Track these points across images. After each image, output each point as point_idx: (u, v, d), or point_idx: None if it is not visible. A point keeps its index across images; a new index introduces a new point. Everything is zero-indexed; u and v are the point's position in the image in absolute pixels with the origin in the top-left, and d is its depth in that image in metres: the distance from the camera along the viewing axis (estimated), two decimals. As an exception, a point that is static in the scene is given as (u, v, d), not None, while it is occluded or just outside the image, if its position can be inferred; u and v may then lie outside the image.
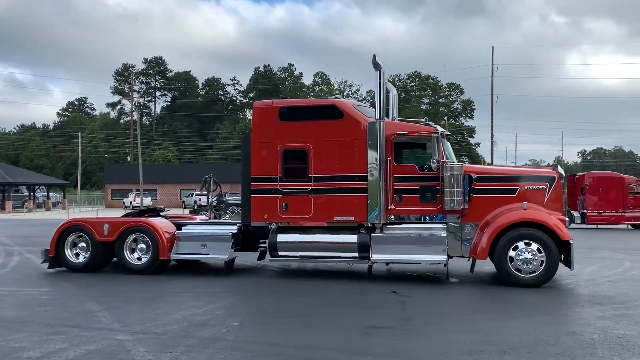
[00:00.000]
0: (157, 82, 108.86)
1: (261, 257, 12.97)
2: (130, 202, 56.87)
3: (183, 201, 59.30)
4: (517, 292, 9.61)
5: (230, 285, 10.58)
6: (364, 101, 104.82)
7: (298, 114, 11.47)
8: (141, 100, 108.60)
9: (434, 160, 10.64)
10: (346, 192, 10.99)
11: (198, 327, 7.27)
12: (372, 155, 10.78)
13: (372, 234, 10.83)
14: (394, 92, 13.31)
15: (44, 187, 61.92)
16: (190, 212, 35.20)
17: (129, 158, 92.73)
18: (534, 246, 10.02)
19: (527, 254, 10.02)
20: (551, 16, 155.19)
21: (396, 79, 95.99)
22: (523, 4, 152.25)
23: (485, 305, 9.02)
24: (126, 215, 13.28)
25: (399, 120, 12.65)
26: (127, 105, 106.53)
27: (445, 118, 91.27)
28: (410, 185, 10.94)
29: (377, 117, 10.77)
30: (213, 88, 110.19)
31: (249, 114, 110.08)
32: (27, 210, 52.31)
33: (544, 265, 9.97)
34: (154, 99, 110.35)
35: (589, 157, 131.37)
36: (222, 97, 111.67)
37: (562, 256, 10.20)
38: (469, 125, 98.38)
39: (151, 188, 62.05)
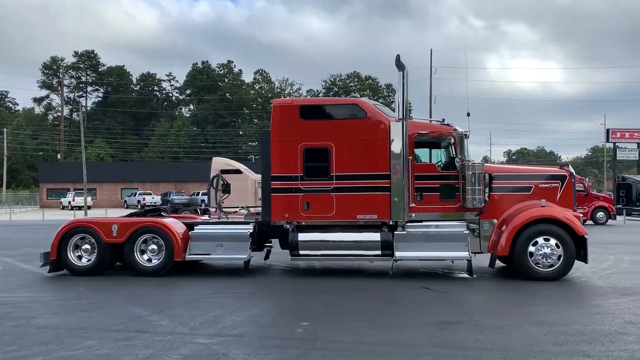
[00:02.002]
0: (88, 77, 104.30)
1: (267, 256, 12.92)
2: (69, 202, 54.28)
3: (125, 201, 57.31)
4: (539, 285, 10.06)
5: (259, 286, 10.42)
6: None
7: (319, 112, 11.47)
8: (71, 95, 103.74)
9: (458, 159, 10.96)
10: (369, 191, 11.10)
11: (270, 328, 7.18)
12: (395, 154, 10.94)
13: (395, 232, 11.00)
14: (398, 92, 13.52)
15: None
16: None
17: (59, 156, 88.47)
18: (552, 241, 10.52)
19: (546, 249, 10.51)
20: (469, 19, 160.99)
21: (337, 79, 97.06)
22: (445, 6, 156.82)
23: (525, 297, 9.27)
24: (129, 215, 12.76)
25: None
26: (56, 100, 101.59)
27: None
28: (431, 183, 11.21)
29: (401, 116, 10.96)
30: (148, 84, 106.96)
31: (185, 111, 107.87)
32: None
33: (561, 259, 10.49)
34: (85, 94, 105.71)
35: (514, 157, 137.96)
36: (158, 94, 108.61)
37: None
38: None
39: (90, 187, 59.28)
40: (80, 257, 11.72)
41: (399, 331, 6.98)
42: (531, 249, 10.57)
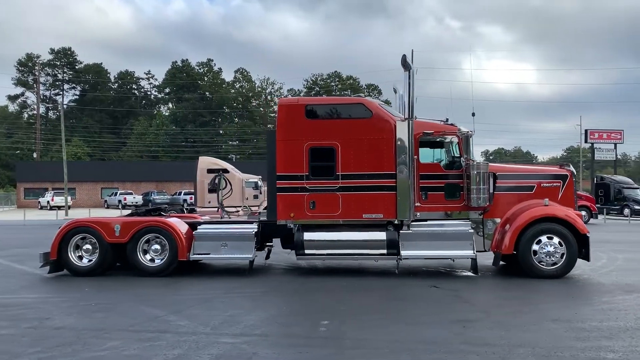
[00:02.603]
0: (65, 74, 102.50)
1: (268, 256, 12.89)
2: (48, 202, 53.29)
3: (105, 200, 56.40)
4: (544, 283, 10.22)
5: (268, 286, 10.38)
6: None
7: (325, 112, 11.47)
8: (47, 93, 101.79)
9: (463, 159, 11.08)
10: (375, 190, 11.14)
11: (293, 327, 7.20)
12: (401, 154, 11.00)
13: (400, 231, 11.07)
14: (400, 92, 13.59)
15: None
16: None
17: (35, 155, 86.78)
18: (556, 240, 10.70)
19: (549, 247, 10.68)
20: (446, 20, 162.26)
21: (318, 79, 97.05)
22: (421, 6, 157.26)
23: (534, 295, 9.40)
24: (129, 215, 12.60)
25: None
26: (31, 98, 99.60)
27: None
28: (435, 183, 11.32)
29: (407, 116, 11.03)
30: (126, 82, 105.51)
31: (164, 109, 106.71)
32: None
33: (564, 257, 10.67)
34: (61, 92, 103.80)
35: (491, 157, 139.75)
36: (136, 92, 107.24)
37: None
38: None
39: (70, 187, 58.22)
40: (80, 258, 11.54)
41: (423, 329, 7.05)
42: (535, 247, 10.73)
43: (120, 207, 53.11)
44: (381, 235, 11.09)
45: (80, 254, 11.55)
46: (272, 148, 11.46)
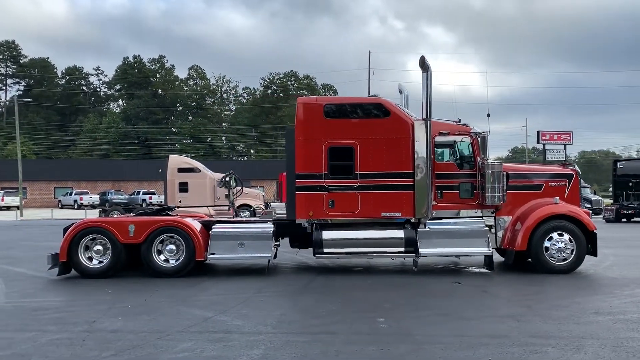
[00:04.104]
0: (8, 69, 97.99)
1: (275, 255, 12.83)
2: (-3, 202, 50.93)
3: (59, 200, 54.38)
4: (556, 278, 10.65)
5: (294, 285, 10.31)
6: (241, 97, 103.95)
7: (344, 111, 11.55)
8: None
9: (480, 158, 11.41)
10: (393, 189, 11.33)
11: (353, 323, 7.25)
12: (419, 153, 11.23)
13: (418, 229, 11.29)
14: (405, 92, 13.83)
15: None
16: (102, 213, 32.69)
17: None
18: (566, 236, 11.17)
19: (560, 243, 11.14)
20: (390, 20, 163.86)
21: (275, 78, 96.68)
22: (366, 5, 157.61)
23: (559, 289, 9.78)
24: (138, 214, 12.28)
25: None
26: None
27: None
28: (451, 182, 11.61)
29: (425, 116, 11.28)
30: (74, 77, 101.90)
31: (115, 107, 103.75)
32: None
33: (574, 253, 11.15)
34: (4, 87, 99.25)
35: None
36: (85, 88, 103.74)
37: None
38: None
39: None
40: (90, 259, 11.18)
41: (480, 324, 7.24)
42: (546, 244, 11.16)
43: (75, 207, 51.43)
44: (399, 234, 11.28)
45: (90, 255, 11.19)
46: (291, 147, 11.46)
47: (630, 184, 32.36)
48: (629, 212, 30.91)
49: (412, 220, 11.34)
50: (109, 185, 58.55)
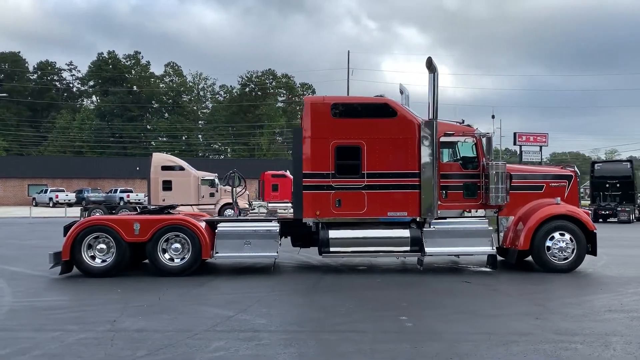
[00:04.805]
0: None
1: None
2: (-31, 199, 49.51)
3: (34, 198, 53.13)
4: (560, 276, 10.89)
5: (304, 284, 10.31)
6: (218, 95, 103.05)
7: (351, 111, 11.60)
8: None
9: (484, 159, 11.58)
10: (399, 189, 11.42)
11: (378, 322, 7.27)
12: (425, 154, 11.35)
13: (424, 229, 11.40)
14: (406, 93, 13.93)
15: None
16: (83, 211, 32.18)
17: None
18: (567, 236, 11.41)
19: (562, 243, 11.37)
20: (363, 19, 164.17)
21: (253, 76, 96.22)
22: (339, 4, 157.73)
23: (565, 287, 10.04)
24: (140, 213, 12.11)
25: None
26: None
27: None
28: (455, 182, 11.75)
29: (431, 117, 11.39)
30: (47, 73, 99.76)
31: (88, 103, 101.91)
32: None
33: (575, 252, 11.40)
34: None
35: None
36: (58, 84, 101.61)
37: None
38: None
39: (-8, 183, 54.60)
40: (93, 258, 11.00)
41: (503, 321, 7.38)
42: (548, 243, 11.39)
43: (51, 205, 50.38)
44: (405, 233, 11.37)
45: (92, 253, 11.00)
46: (298, 146, 11.45)
47: (607, 185, 33.18)
48: (607, 212, 31.71)
49: (418, 219, 11.45)
50: (85, 183, 57.45)
